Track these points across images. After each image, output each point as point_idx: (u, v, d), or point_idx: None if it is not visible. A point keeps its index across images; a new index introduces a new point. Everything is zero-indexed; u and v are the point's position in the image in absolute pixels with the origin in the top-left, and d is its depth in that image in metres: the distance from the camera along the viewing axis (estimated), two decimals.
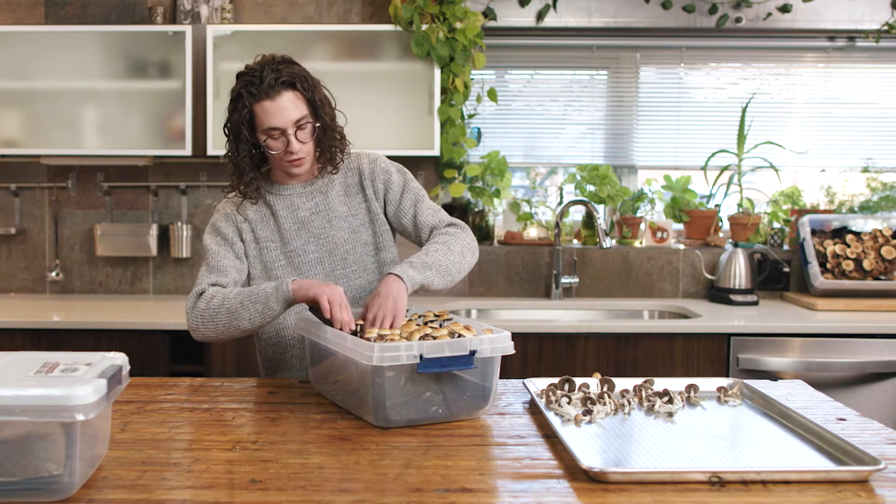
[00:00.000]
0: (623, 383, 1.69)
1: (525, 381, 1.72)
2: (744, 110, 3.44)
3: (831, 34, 3.46)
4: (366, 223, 1.93)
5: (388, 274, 1.70)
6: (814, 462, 1.29)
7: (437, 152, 3.11)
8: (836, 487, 1.18)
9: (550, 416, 1.49)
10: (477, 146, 3.39)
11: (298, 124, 1.77)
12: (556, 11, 3.34)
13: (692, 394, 1.65)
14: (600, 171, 3.40)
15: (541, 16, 3.34)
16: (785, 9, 3.33)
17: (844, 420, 1.54)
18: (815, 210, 3.43)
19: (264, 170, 1.91)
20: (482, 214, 3.43)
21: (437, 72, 3.08)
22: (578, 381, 1.69)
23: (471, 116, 3.38)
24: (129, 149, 3.09)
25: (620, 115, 3.56)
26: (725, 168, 3.45)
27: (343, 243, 1.90)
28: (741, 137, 3.44)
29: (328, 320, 1.61)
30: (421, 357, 1.42)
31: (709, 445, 1.37)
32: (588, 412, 1.50)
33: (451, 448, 1.36)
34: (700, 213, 3.44)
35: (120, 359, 1.27)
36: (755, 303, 3.18)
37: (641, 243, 3.45)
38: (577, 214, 3.56)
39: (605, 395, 1.57)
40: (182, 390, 1.74)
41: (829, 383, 2.73)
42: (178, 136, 3.07)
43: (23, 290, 3.44)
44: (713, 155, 3.45)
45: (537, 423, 1.50)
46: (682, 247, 3.41)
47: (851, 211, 3.47)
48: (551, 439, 1.40)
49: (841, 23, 3.36)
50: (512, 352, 1.50)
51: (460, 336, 1.50)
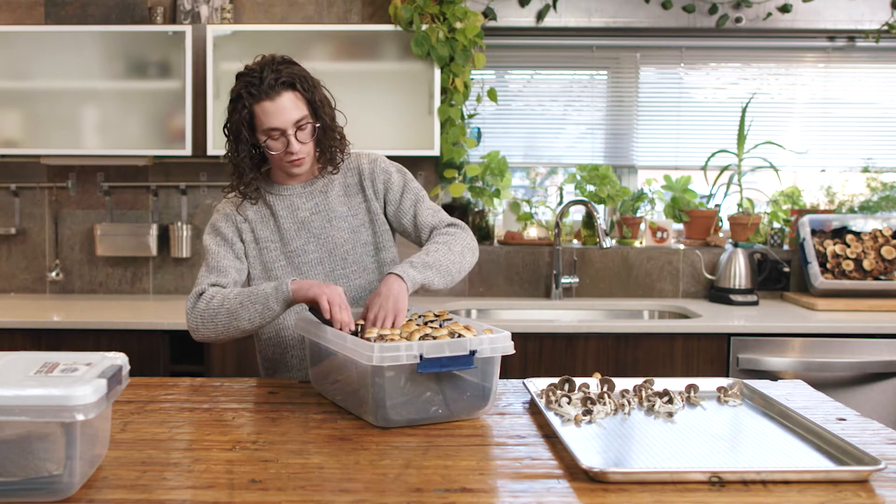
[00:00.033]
0: (623, 383, 1.69)
1: (525, 381, 1.72)
2: (744, 110, 3.44)
3: (831, 34, 3.46)
4: (366, 223, 1.93)
5: (389, 273, 1.70)
6: (814, 462, 1.29)
7: (437, 152, 3.11)
8: (836, 487, 1.18)
9: (550, 416, 1.49)
10: (477, 146, 3.39)
11: (298, 125, 1.77)
12: (556, 11, 3.34)
13: (692, 394, 1.65)
14: (600, 171, 3.40)
15: (541, 16, 3.34)
16: (785, 9, 3.33)
17: (844, 420, 1.54)
18: (815, 210, 3.43)
19: (264, 170, 1.91)
20: (482, 214, 3.43)
21: (437, 72, 3.08)
22: (578, 381, 1.69)
23: (471, 116, 3.38)
24: (129, 149, 3.09)
25: (620, 115, 3.56)
26: (725, 168, 3.45)
27: (343, 243, 1.90)
28: (741, 137, 3.44)
29: (328, 321, 1.61)
30: (421, 357, 1.42)
31: (709, 445, 1.37)
32: (588, 412, 1.50)
33: (451, 448, 1.36)
34: (700, 213, 3.44)
35: (120, 359, 1.27)
36: (755, 303, 3.18)
37: (641, 243, 3.45)
38: (577, 214, 3.56)
39: (605, 395, 1.57)
40: (182, 390, 1.74)
41: (829, 383, 2.73)
42: (178, 136, 3.07)
43: (23, 290, 3.44)
44: (713, 155, 3.45)
45: (537, 423, 1.50)
46: (682, 247, 3.41)
47: (851, 211, 3.47)
48: (551, 439, 1.40)
49: (841, 23, 3.36)
50: (512, 352, 1.50)
51: (460, 336, 1.50)
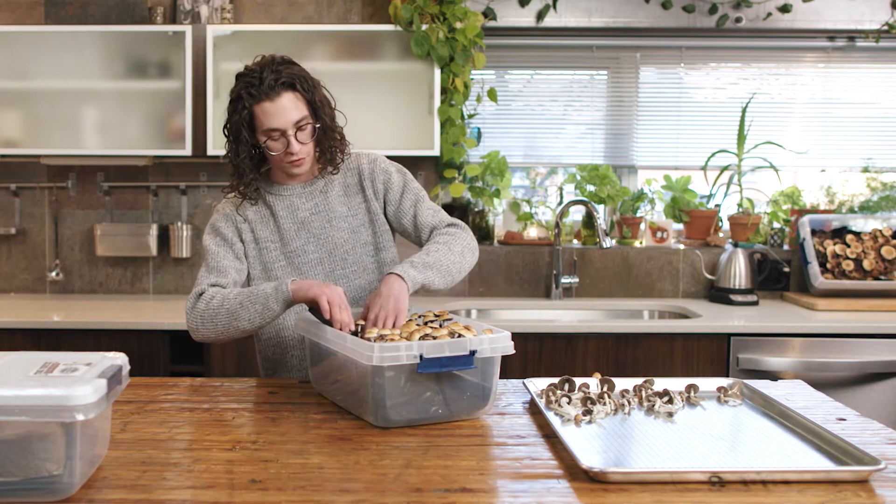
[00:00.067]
0: (623, 383, 1.69)
1: (525, 381, 1.72)
2: (744, 110, 3.44)
3: (831, 34, 3.46)
4: (365, 223, 1.93)
5: (389, 273, 1.70)
6: (814, 462, 1.29)
7: (437, 152, 3.11)
8: (836, 487, 1.18)
9: (550, 416, 1.49)
10: (477, 146, 3.39)
11: (298, 125, 1.77)
12: (556, 11, 3.34)
13: (692, 394, 1.65)
14: (600, 171, 3.40)
15: (541, 16, 3.34)
16: (785, 9, 3.33)
17: (844, 420, 1.54)
18: (815, 210, 3.43)
19: (264, 170, 1.91)
20: (482, 214, 3.43)
21: (437, 72, 3.08)
22: (578, 381, 1.69)
23: (471, 116, 3.38)
24: (129, 149, 3.09)
25: (620, 115, 3.56)
26: (725, 168, 3.45)
27: (343, 243, 1.90)
28: (741, 137, 3.44)
29: (328, 321, 1.61)
30: (421, 357, 1.42)
31: (709, 445, 1.37)
32: (588, 412, 1.50)
33: (451, 448, 1.36)
34: (700, 213, 3.43)
35: (120, 359, 1.27)
36: (755, 303, 3.18)
37: (641, 243, 3.45)
38: (577, 214, 3.56)
39: (605, 395, 1.57)
40: (182, 390, 1.74)
41: (829, 383, 2.73)
42: (178, 136, 3.07)
43: (23, 290, 3.44)
44: (713, 155, 3.45)
45: (537, 423, 1.50)
46: (682, 247, 3.41)
47: (851, 211, 3.47)
48: (551, 439, 1.40)
49: (841, 23, 3.36)
50: (512, 352, 1.50)
51: (460, 336, 1.50)
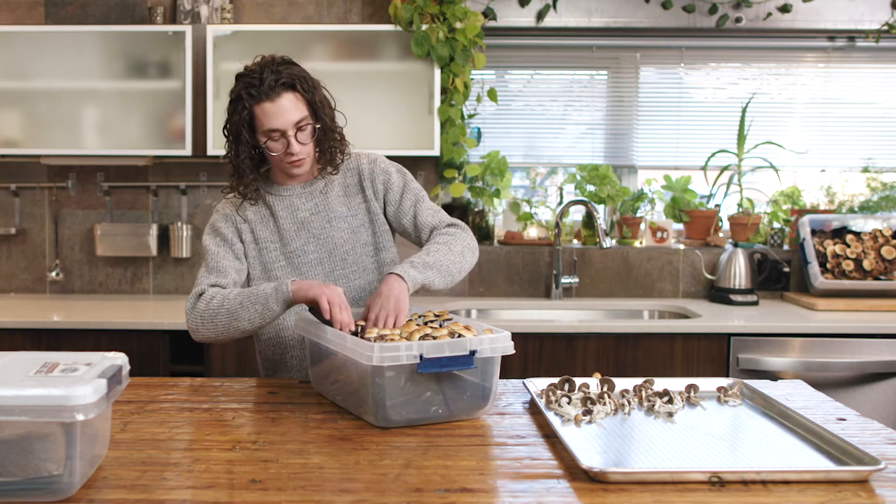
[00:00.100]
0: (623, 383, 1.69)
1: (525, 381, 1.72)
2: (744, 110, 3.44)
3: (831, 34, 3.46)
4: (365, 223, 1.93)
5: (390, 273, 1.70)
6: (814, 462, 1.29)
7: (437, 152, 3.11)
8: (836, 487, 1.18)
9: (550, 416, 1.49)
10: (477, 146, 3.39)
11: (298, 126, 1.77)
12: (556, 11, 3.34)
13: (692, 394, 1.65)
14: (600, 171, 3.40)
15: (541, 16, 3.34)
16: (785, 9, 3.33)
17: (844, 420, 1.54)
18: (815, 210, 3.43)
19: (263, 170, 1.91)
20: (482, 214, 3.43)
21: (437, 72, 3.08)
22: (578, 381, 1.69)
23: (471, 116, 3.38)
24: (129, 149, 3.09)
25: (620, 115, 3.56)
26: (725, 168, 3.45)
27: (343, 244, 1.90)
28: (741, 137, 3.44)
29: (328, 321, 1.61)
30: (421, 357, 1.42)
31: (709, 445, 1.37)
32: (588, 412, 1.50)
33: (451, 448, 1.36)
34: (700, 213, 3.43)
35: (120, 359, 1.27)
36: (755, 303, 3.18)
37: (641, 243, 3.45)
38: (577, 214, 3.56)
39: (605, 395, 1.57)
40: (182, 390, 1.74)
41: (829, 383, 2.73)
42: (178, 136, 3.07)
43: (23, 290, 3.44)
44: (713, 155, 3.45)
45: (537, 423, 1.50)
46: (682, 247, 3.41)
47: (851, 211, 3.47)
48: (551, 439, 1.40)
49: (841, 23, 3.36)
50: (512, 352, 1.50)
51: (460, 336, 1.50)
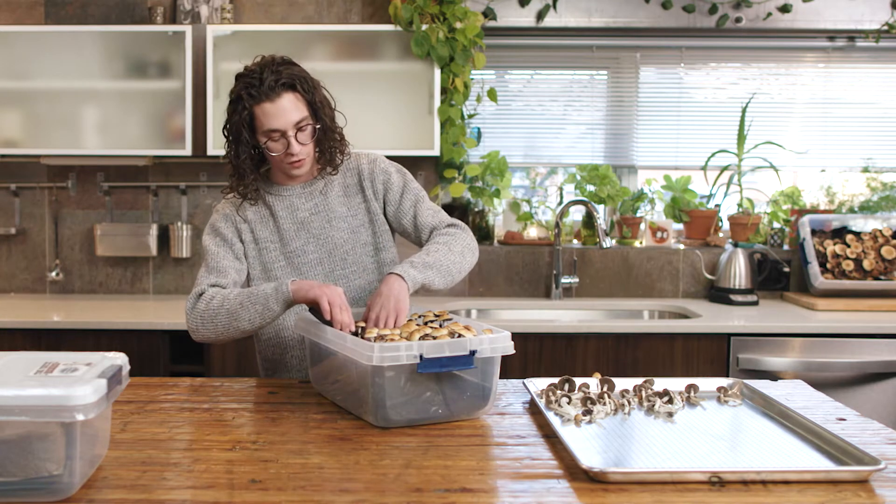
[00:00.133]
0: (623, 383, 1.69)
1: (525, 381, 1.72)
2: (744, 110, 3.44)
3: (831, 34, 3.46)
4: (365, 223, 1.93)
5: (390, 273, 1.70)
6: (814, 462, 1.29)
7: (437, 152, 3.11)
8: (836, 487, 1.18)
9: (550, 416, 1.49)
10: (477, 146, 3.39)
11: (298, 126, 1.77)
12: (556, 11, 3.34)
13: (692, 394, 1.65)
14: (600, 171, 3.40)
15: (541, 16, 3.34)
16: (785, 9, 3.33)
17: (844, 420, 1.54)
18: (815, 210, 3.43)
19: (263, 170, 1.91)
20: (482, 214, 3.43)
21: (437, 72, 3.08)
22: (578, 381, 1.69)
23: (471, 116, 3.38)
24: (129, 149, 3.09)
25: (620, 115, 3.56)
26: (725, 168, 3.45)
27: (342, 244, 1.90)
28: (741, 137, 3.44)
29: (328, 321, 1.61)
30: (421, 357, 1.42)
31: (709, 445, 1.37)
32: (588, 412, 1.50)
33: (451, 448, 1.36)
34: (700, 213, 3.43)
35: (120, 359, 1.27)
36: (755, 303, 3.18)
37: (641, 243, 3.45)
38: (577, 214, 3.56)
39: (605, 395, 1.57)
40: (182, 390, 1.74)
41: (829, 383, 2.73)
42: (178, 136, 3.07)
43: (23, 290, 3.44)
44: (713, 155, 3.45)
45: (537, 423, 1.50)
46: (682, 247, 3.41)
47: (851, 211, 3.47)
48: (551, 439, 1.40)
49: (841, 23, 3.36)
50: (512, 352, 1.50)
51: (460, 336, 1.50)
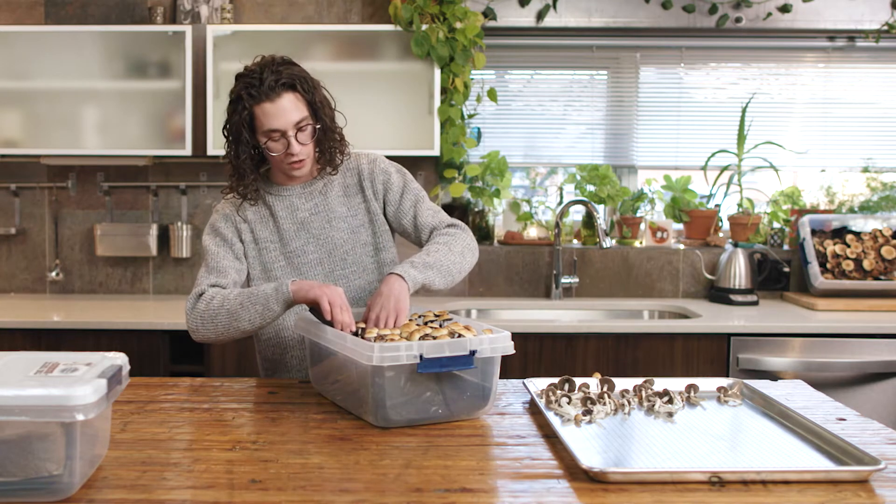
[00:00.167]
0: (623, 383, 1.69)
1: (525, 381, 1.72)
2: (744, 110, 3.44)
3: (831, 34, 3.46)
4: (365, 224, 1.93)
5: (390, 273, 1.70)
6: (814, 462, 1.29)
7: (437, 152, 3.11)
8: (836, 487, 1.18)
9: (550, 416, 1.49)
10: (477, 146, 3.39)
11: (299, 126, 1.77)
12: (556, 11, 3.34)
13: (692, 394, 1.65)
14: (600, 171, 3.40)
15: (541, 16, 3.34)
16: (785, 9, 3.33)
17: (844, 420, 1.54)
18: (815, 210, 3.43)
19: (263, 170, 1.91)
20: (482, 214, 3.43)
21: (437, 72, 3.08)
22: (578, 381, 1.69)
23: (471, 116, 3.38)
24: (129, 149, 3.09)
25: (620, 115, 3.56)
26: (725, 168, 3.45)
27: (342, 244, 1.90)
28: (741, 137, 3.44)
29: (329, 322, 1.61)
30: (421, 357, 1.42)
31: (709, 445, 1.37)
32: (588, 412, 1.50)
33: (451, 448, 1.36)
34: (700, 213, 3.43)
35: (120, 359, 1.27)
36: (755, 303, 3.18)
37: (641, 243, 3.45)
38: (577, 214, 3.56)
39: (605, 395, 1.57)
40: (182, 390, 1.74)
41: (829, 383, 2.73)
42: (178, 136, 3.07)
43: (23, 290, 3.44)
44: (713, 155, 3.45)
45: (537, 423, 1.50)
46: (682, 247, 3.41)
47: (851, 211, 3.47)
48: (551, 439, 1.40)
49: (841, 23, 3.36)
50: (512, 352, 1.50)
51: (460, 336, 1.50)
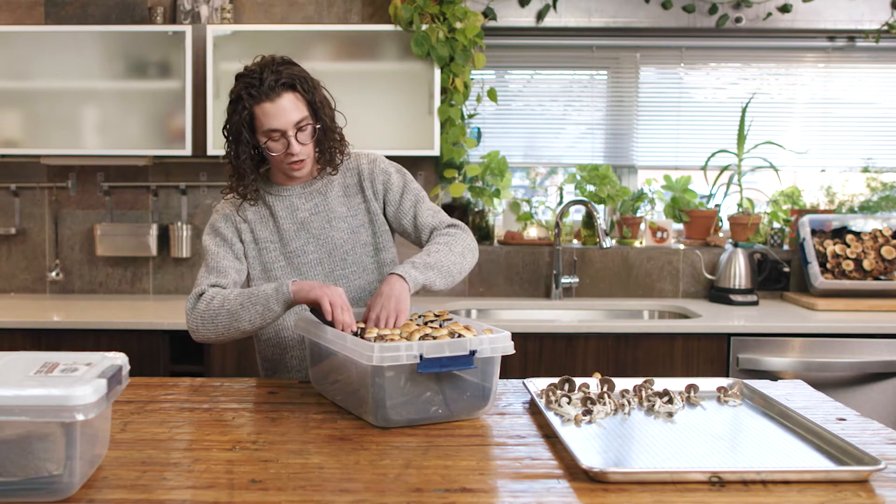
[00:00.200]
0: (623, 383, 1.69)
1: (525, 381, 1.72)
2: (744, 110, 3.44)
3: (831, 34, 3.46)
4: (365, 224, 1.93)
5: (391, 274, 1.70)
6: (814, 462, 1.29)
7: (437, 152, 3.11)
8: (836, 487, 1.18)
9: (550, 416, 1.49)
10: (477, 146, 3.39)
11: (298, 126, 1.77)
12: (556, 11, 3.34)
13: (692, 394, 1.65)
14: (600, 171, 3.40)
15: (541, 16, 3.34)
16: (785, 9, 3.33)
17: (844, 420, 1.54)
18: (815, 210, 3.43)
19: (263, 170, 1.91)
20: (482, 214, 3.43)
21: (437, 72, 3.08)
22: (578, 381, 1.69)
23: (471, 116, 3.38)
24: (129, 149, 3.09)
25: (620, 115, 3.56)
26: (725, 168, 3.45)
27: (342, 244, 1.90)
28: (741, 137, 3.44)
29: (329, 322, 1.61)
30: (421, 357, 1.42)
31: (709, 445, 1.37)
32: (588, 412, 1.50)
33: (451, 448, 1.36)
34: (700, 213, 3.43)
35: (120, 359, 1.27)
36: (755, 303, 3.18)
37: (641, 243, 3.45)
38: (577, 214, 3.56)
39: (605, 395, 1.57)
40: (182, 390, 1.74)
41: (829, 383, 2.73)
42: (178, 136, 3.07)
43: (23, 290, 3.44)
44: (713, 155, 3.45)
45: (537, 423, 1.50)
46: (682, 247, 3.41)
47: (851, 211, 3.47)
48: (551, 439, 1.40)
49: (841, 23, 3.36)
50: (512, 352, 1.50)
51: (460, 336, 1.50)
